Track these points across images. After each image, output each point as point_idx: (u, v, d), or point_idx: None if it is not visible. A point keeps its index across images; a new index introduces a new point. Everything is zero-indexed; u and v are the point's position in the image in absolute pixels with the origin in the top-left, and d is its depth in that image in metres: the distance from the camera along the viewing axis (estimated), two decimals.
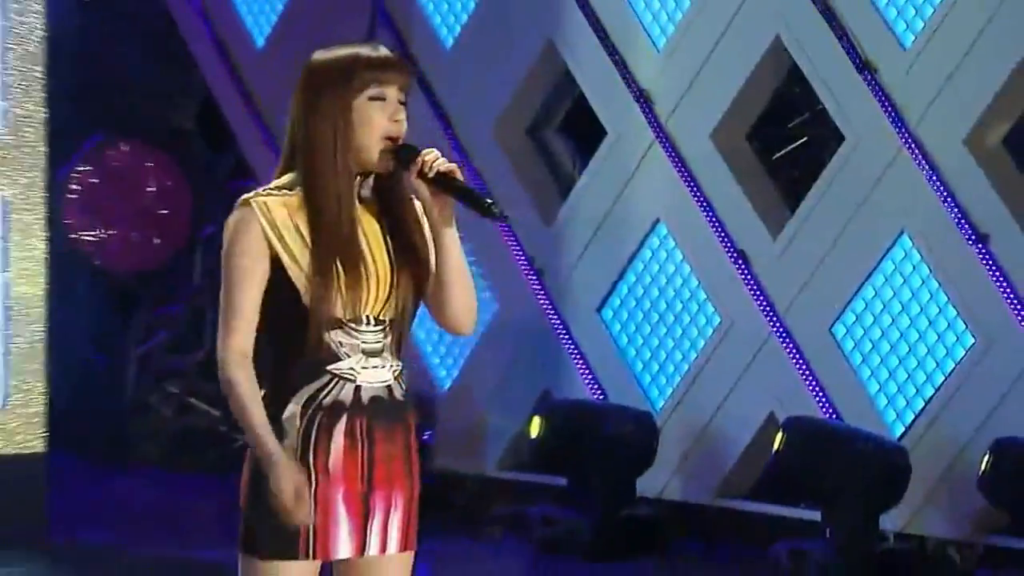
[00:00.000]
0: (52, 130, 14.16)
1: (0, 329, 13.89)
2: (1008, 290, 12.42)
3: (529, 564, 13.63)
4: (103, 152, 16.14)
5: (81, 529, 13.96)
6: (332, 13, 15.82)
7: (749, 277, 13.61)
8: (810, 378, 13.24)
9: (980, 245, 12.51)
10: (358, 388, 6.43)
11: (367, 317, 6.44)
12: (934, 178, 12.70)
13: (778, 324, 13.44)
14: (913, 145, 12.80)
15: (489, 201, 6.37)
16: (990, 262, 12.46)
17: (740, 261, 13.65)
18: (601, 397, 14.22)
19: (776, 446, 12.61)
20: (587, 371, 14.30)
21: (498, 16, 14.83)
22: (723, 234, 13.67)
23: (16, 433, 13.78)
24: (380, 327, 6.45)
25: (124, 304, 18.45)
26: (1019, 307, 12.53)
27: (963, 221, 12.56)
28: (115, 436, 17.07)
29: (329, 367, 6.39)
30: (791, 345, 13.42)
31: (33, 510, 13.70)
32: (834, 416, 13.12)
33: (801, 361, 13.30)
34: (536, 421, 13.69)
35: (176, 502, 15.90)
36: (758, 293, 13.53)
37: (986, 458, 11.92)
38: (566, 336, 14.45)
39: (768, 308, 13.47)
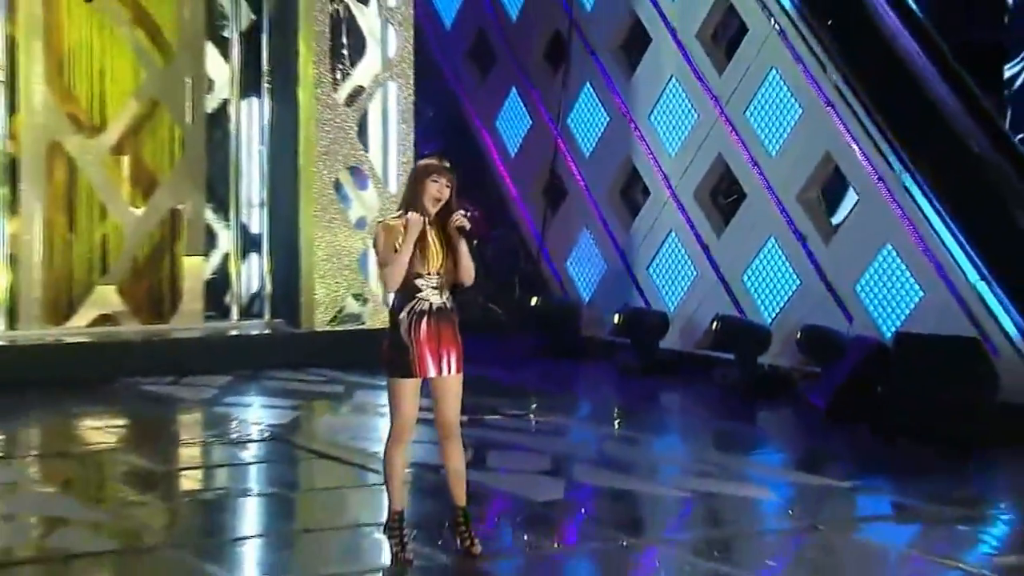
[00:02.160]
0: None
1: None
2: (813, 261, 12.30)
3: (618, 378, 13.30)
4: None
5: None
6: (534, 144, 15.42)
7: (708, 255, 13.38)
8: (732, 299, 13.09)
9: (803, 241, 12.42)
10: (431, 304, 6.42)
11: (433, 272, 6.42)
12: (784, 212, 12.57)
13: (720, 275, 13.24)
14: (776, 199, 12.64)
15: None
16: (807, 249, 12.38)
17: (704, 248, 13.42)
18: (646, 306, 13.98)
19: (714, 327, 12.61)
20: (641, 295, 14.13)
21: (607, 146, 14.60)
22: (698, 236, 13.52)
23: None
24: (439, 277, 6.43)
25: None
26: (818, 269, 12.23)
27: (796, 231, 12.45)
28: None
29: (417, 295, 6.40)
30: (725, 285, 13.13)
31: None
32: (741, 314, 12.93)
33: (729, 292, 13.13)
34: (618, 316, 13.62)
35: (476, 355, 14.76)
36: (712, 262, 13.34)
37: (799, 333, 11.93)
38: (633, 279, 14.24)
39: (715, 269, 13.28)
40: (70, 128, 13.22)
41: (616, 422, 11.84)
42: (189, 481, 9.04)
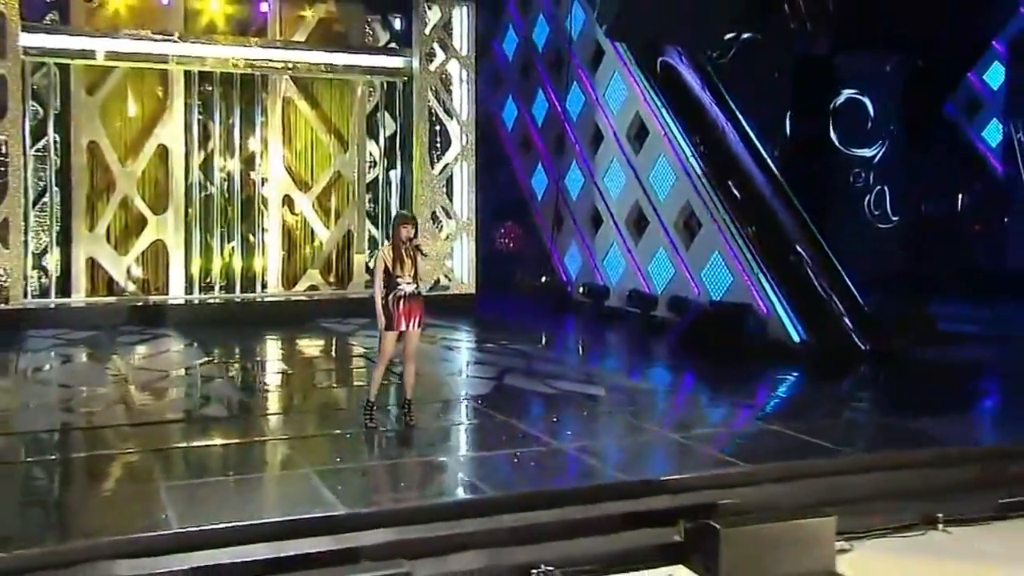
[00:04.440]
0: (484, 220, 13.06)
1: (469, 262, 13.14)
2: (680, 259, 11.82)
3: (592, 320, 12.67)
4: (507, 226, 15.43)
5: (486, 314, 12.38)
6: (549, 194, 14.51)
7: (631, 255, 12.84)
8: (643, 279, 12.59)
9: (676, 253, 12.14)
10: (405, 291, 6.19)
11: (406, 274, 6.17)
12: (667, 234, 12.03)
13: (637, 266, 12.74)
14: (663, 227, 12.12)
15: (424, 253, 6.15)
16: (674, 251, 11.90)
17: (629, 251, 12.92)
18: (600, 282, 13.52)
19: (630, 295, 12.45)
20: (599, 276, 13.60)
21: (583, 195, 13.89)
22: (626, 245, 12.99)
23: (463, 284, 13.09)
24: (410, 277, 6.18)
25: (507, 259, 14.80)
26: (684, 265, 11.76)
27: (673, 244, 12.07)
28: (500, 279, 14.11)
29: (398, 286, 6.16)
30: (641, 273, 12.52)
31: (470, 311, 12.55)
32: (646, 288, 12.42)
33: (641, 275, 12.62)
34: (583, 288, 13.45)
35: (511, 310, 13.38)
36: (633, 259, 12.80)
37: (670, 299, 11.73)
38: (595, 267, 13.73)
39: (635, 263, 12.80)
40: (295, 187, 13.50)
41: (561, 350, 10.86)
42: (308, 374, 8.53)
